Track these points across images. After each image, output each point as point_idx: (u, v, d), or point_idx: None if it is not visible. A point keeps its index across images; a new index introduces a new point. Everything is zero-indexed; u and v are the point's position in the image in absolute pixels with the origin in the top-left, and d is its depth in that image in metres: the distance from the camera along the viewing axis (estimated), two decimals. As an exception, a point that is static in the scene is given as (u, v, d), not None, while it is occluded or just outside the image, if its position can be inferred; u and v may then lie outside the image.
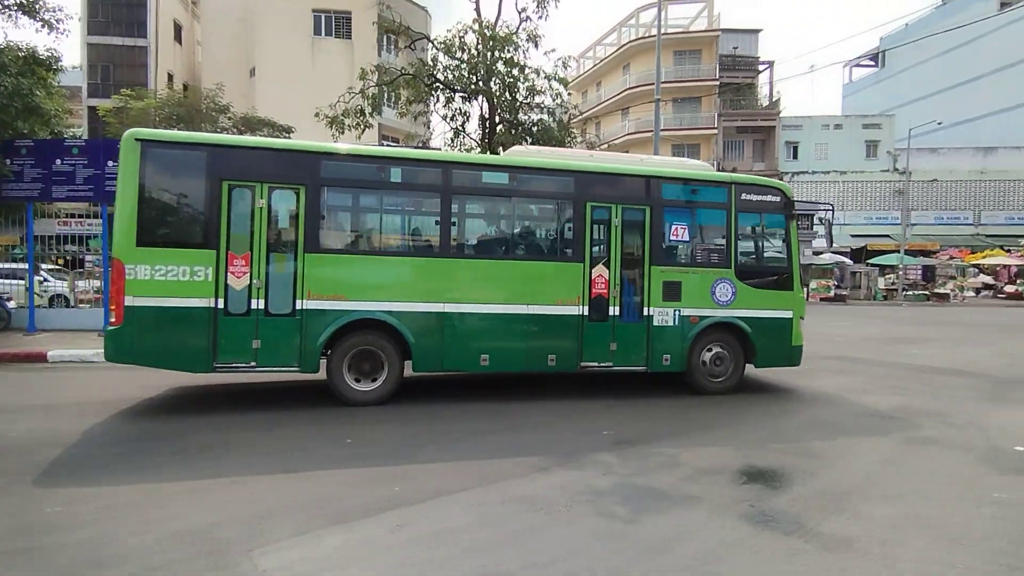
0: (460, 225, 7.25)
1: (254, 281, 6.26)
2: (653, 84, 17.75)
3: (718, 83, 38.44)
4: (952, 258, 33.88)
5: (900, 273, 30.53)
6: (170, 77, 33.79)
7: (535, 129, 12.44)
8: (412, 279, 6.84)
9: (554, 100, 12.72)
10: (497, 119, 12.30)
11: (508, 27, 11.94)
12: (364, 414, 6.25)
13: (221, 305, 6.18)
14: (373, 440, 5.34)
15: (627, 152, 39.98)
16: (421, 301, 6.72)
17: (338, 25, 32.99)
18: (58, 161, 11.09)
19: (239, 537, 3.36)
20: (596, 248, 7.33)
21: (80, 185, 11.17)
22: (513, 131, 12.34)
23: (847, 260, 33.02)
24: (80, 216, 21.40)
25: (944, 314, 22.48)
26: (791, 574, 3.10)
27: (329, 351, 6.53)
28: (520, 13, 11.79)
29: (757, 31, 40.67)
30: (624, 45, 41.74)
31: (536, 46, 11.93)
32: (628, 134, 39.90)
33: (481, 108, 12.29)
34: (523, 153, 8.10)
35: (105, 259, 11.59)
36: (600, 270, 7.27)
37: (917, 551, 3.34)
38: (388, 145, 20.75)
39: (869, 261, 32.90)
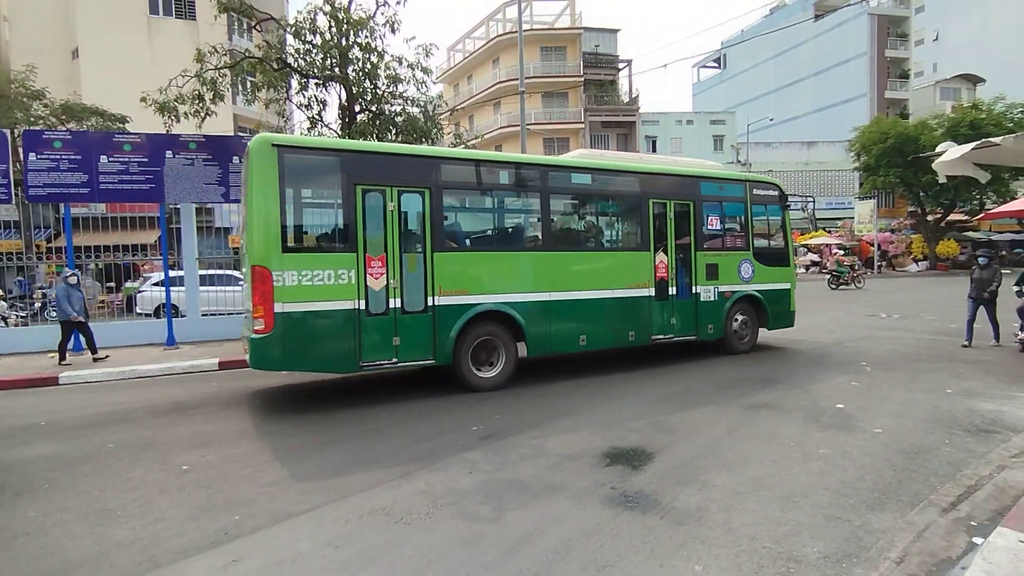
0: (557, 221, 8.19)
1: (391, 281, 6.57)
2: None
3: (582, 79, 40.07)
4: (787, 240, 38.32)
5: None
6: (-34, 57, 28.52)
7: (399, 120, 11.98)
8: (522, 272, 7.51)
9: (419, 90, 12.35)
10: (358, 108, 11.66)
11: (364, 12, 11.34)
12: (204, 437, 5.58)
13: (363, 306, 6.40)
14: (211, 465, 4.73)
15: (500, 146, 40.57)
16: (531, 292, 7.47)
17: (178, 4, 29.80)
18: None
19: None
20: (657, 238, 8.53)
21: None
22: (377, 121, 11.79)
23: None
24: None
25: (782, 289, 25.30)
26: (646, 553, 3.15)
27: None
28: (376, -4, 11.27)
29: (616, 30, 42.88)
30: (492, 40, 42.06)
31: (393, 31, 11.44)
32: (501, 127, 40.34)
33: (339, 96, 11.58)
34: (589, 156, 8.85)
35: None
36: (661, 256, 8.53)
37: (753, 513, 3.57)
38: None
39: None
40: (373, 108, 11.82)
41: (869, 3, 47.52)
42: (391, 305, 6.57)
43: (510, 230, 8.04)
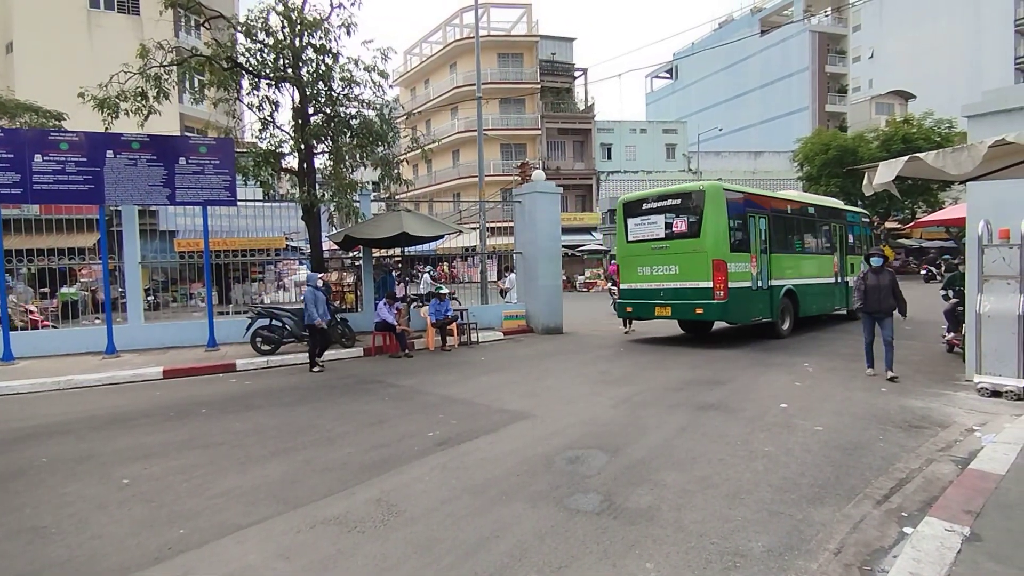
0: (806, 235, 13.01)
1: (756, 271, 10.95)
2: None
3: (539, 86, 40.49)
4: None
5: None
6: None
7: (355, 123, 11.79)
8: (796, 266, 12.26)
9: (375, 93, 12.17)
10: (312, 110, 11.42)
11: (319, 12, 11.12)
12: (146, 448, 5.36)
13: (749, 285, 10.80)
14: (154, 477, 4.54)
15: (457, 151, 40.56)
16: (800, 278, 12.23)
17: (121, -2, 28.54)
18: None
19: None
20: (836, 247, 13.90)
21: None
22: (333, 123, 11.57)
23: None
24: None
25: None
26: (599, 553, 3.20)
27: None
28: (331, -2, 11.05)
29: (572, 39, 43.57)
30: (449, 44, 42.08)
31: (349, 33, 11.27)
32: (458, 132, 40.35)
33: (293, 97, 11.32)
34: (802, 196, 14.13)
35: None
36: (835, 258, 13.79)
37: (702, 511, 3.68)
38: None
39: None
40: (327, 110, 11.60)
41: (810, 21, 49.82)
42: (758, 285, 10.96)
43: (790, 240, 12.43)
